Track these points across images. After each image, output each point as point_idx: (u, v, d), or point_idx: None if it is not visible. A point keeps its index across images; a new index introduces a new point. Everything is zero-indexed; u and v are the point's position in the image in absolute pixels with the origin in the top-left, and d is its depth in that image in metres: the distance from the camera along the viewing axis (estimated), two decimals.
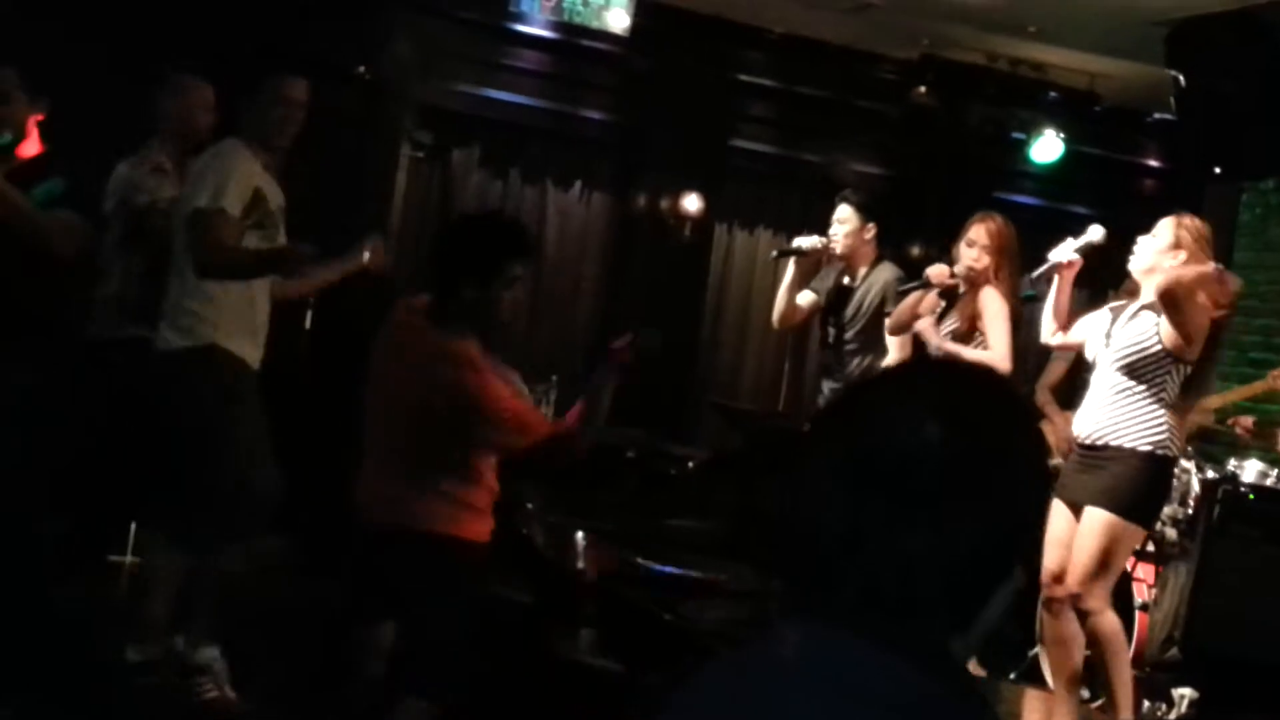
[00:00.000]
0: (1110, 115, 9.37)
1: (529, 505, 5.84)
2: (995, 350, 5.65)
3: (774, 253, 7.85)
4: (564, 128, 9.06)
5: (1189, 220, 5.03)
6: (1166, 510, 5.93)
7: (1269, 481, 5.97)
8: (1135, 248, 5.09)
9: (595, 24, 8.60)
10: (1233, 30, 7.29)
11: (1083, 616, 5.01)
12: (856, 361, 6.41)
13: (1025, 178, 9.69)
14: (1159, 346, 4.90)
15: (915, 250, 8.73)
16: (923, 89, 9.00)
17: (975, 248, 5.75)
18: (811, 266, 6.68)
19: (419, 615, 3.91)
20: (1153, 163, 10.08)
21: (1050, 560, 5.10)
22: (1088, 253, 5.29)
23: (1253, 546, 5.65)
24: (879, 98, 9.45)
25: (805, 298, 6.67)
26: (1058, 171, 9.37)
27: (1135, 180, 10.07)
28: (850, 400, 1.55)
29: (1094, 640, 5.02)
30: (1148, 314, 4.97)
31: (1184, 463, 6.02)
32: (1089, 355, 5.20)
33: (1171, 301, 4.82)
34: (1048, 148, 9.16)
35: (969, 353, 5.65)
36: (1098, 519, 4.93)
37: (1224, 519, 5.76)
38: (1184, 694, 5.72)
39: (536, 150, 9.11)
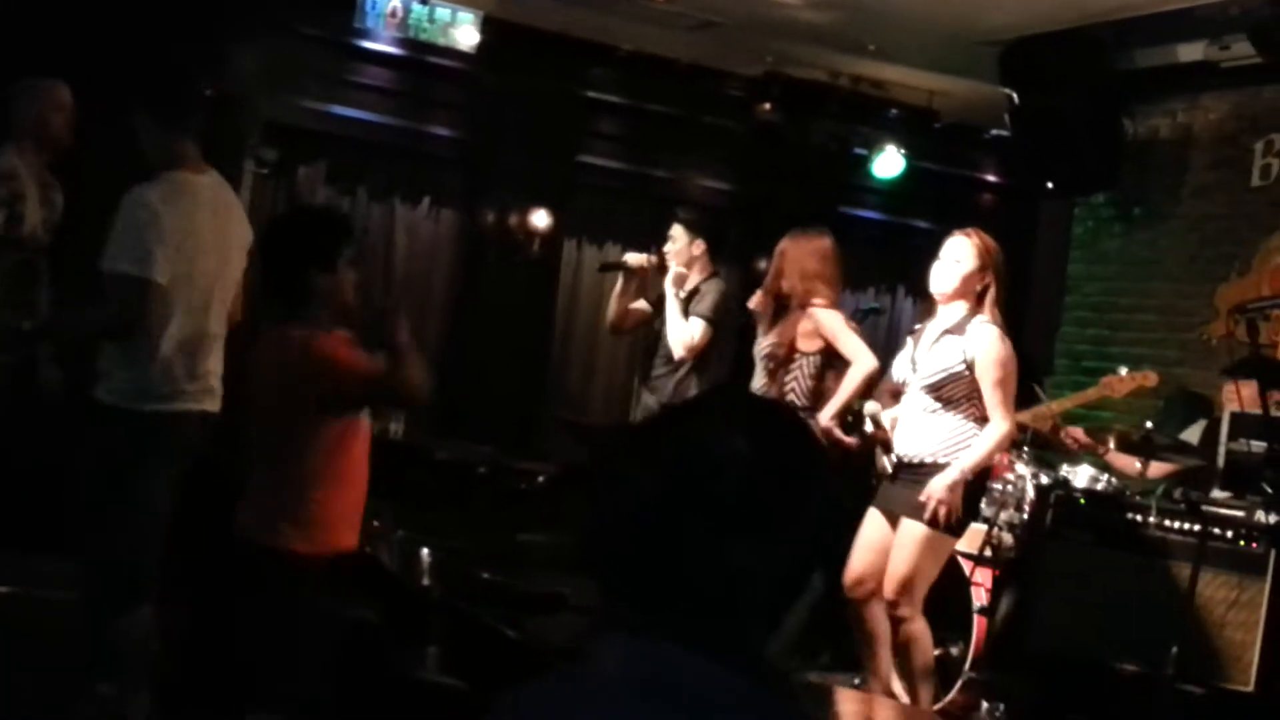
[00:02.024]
0: (949, 132, 9.62)
1: (375, 523, 5.79)
2: (865, 357, 5.97)
3: (599, 266, 8.07)
4: (411, 144, 9.04)
5: (980, 239, 5.19)
6: (1003, 515, 6.10)
7: (1099, 487, 6.14)
8: (933, 271, 5.23)
9: (442, 41, 8.59)
10: (1064, 49, 7.51)
11: (896, 621, 5.17)
12: (671, 372, 6.46)
13: (868, 192, 9.89)
14: (964, 371, 5.11)
15: (761, 264, 8.84)
16: (768, 106, 9.14)
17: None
18: (644, 278, 6.76)
19: (262, 629, 3.90)
20: (990, 178, 10.36)
21: (857, 563, 5.25)
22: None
23: (1084, 550, 5.80)
24: (725, 114, 9.59)
25: (639, 305, 6.78)
26: (899, 186, 9.58)
27: (974, 195, 10.33)
28: (663, 421, 1.62)
29: (906, 643, 5.19)
30: (950, 339, 5.16)
31: (1020, 469, 6.19)
32: (896, 378, 5.42)
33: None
34: (889, 163, 9.36)
35: (852, 345, 5.99)
36: (914, 531, 5.11)
37: (1057, 523, 5.90)
38: (1018, 694, 5.86)
39: (383, 167, 9.08)
